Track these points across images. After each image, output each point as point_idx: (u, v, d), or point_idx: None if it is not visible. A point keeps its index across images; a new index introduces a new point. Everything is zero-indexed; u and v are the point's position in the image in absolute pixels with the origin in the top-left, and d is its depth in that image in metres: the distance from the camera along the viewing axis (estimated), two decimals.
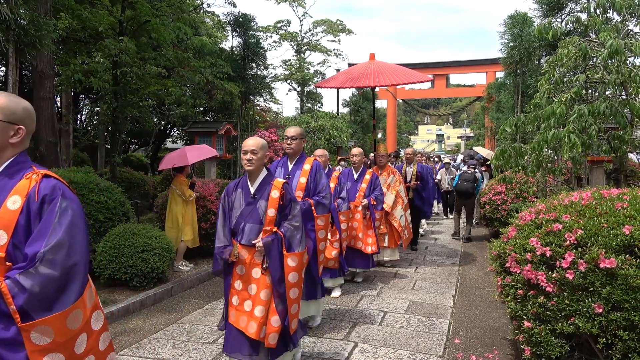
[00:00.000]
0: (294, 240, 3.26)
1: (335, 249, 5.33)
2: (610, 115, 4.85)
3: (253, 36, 13.70)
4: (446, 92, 36.22)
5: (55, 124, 8.58)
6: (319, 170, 4.38)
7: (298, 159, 4.43)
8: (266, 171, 3.41)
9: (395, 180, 7.41)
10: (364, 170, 6.60)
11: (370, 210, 6.35)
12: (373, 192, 6.46)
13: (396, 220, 7.20)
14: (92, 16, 8.73)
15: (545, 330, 3.14)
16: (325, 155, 6.01)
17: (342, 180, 5.67)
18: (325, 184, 4.33)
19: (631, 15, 5.44)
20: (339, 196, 5.48)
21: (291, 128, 4.41)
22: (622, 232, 3.01)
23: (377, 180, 6.57)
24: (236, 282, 3.26)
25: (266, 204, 3.24)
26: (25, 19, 4.88)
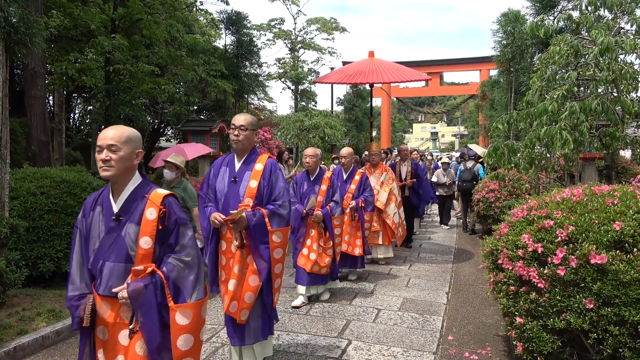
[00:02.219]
0: (183, 283, 2.17)
1: (328, 256, 5.16)
2: (601, 113, 4.87)
3: (246, 34, 13.68)
4: (440, 90, 36.32)
5: (47, 122, 8.52)
6: (274, 171, 3.49)
7: (248, 157, 3.50)
8: (139, 177, 2.29)
9: (389, 178, 7.33)
10: (354, 170, 6.41)
11: (358, 212, 6.16)
12: (362, 193, 6.25)
13: (389, 217, 7.16)
14: (84, 14, 8.68)
15: (537, 326, 3.16)
16: (317, 155, 5.77)
17: (334, 182, 5.35)
18: (283, 188, 3.46)
19: (622, 12, 5.47)
20: (332, 199, 5.24)
21: (240, 115, 3.50)
22: (612, 228, 3.03)
23: (367, 181, 6.36)
24: (99, 353, 2.24)
25: (137, 229, 2.15)
26: (15, 16, 4.83)
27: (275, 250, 3.37)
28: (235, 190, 3.43)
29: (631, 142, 5.60)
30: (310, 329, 4.60)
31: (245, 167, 3.48)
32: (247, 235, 3.31)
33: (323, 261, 5.11)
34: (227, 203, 3.42)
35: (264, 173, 3.44)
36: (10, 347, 3.84)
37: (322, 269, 5.14)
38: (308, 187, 5.28)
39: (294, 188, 5.26)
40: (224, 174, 3.52)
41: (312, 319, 4.87)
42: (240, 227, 3.28)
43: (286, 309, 5.17)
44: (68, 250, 5.65)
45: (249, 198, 3.37)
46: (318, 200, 5.16)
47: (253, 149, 3.57)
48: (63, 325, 4.37)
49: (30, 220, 5.39)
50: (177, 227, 2.22)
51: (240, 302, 3.31)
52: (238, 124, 3.43)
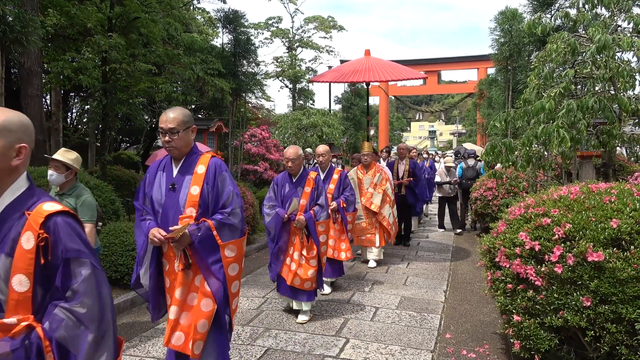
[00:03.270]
0: (76, 347, 1.45)
1: (311, 267, 4.61)
2: (598, 110, 4.88)
3: (244, 33, 13.64)
4: (438, 88, 36.36)
5: (43, 121, 8.50)
6: (220, 172, 2.91)
7: (187, 159, 2.92)
8: (24, 184, 1.55)
9: (382, 179, 7.15)
10: (332, 169, 6.00)
11: (340, 213, 5.78)
12: (343, 193, 5.84)
13: (385, 219, 7.06)
14: (80, 12, 8.64)
15: (534, 323, 3.17)
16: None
17: (319, 183, 4.84)
18: (231, 193, 2.89)
19: (619, 10, 5.47)
20: (316, 202, 4.76)
21: (168, 113, 2.83)
22: (609, 225, 3.04)
23: (346, 179, 5.95)
24: None
25: (9, 263, 1.44)
26: (11, 15, 4.82)
27: (230, 267, 2.86)
28: (174, 200, 2.86)
29: (628, 140, 5.61)
30: (307, 327, 4.59)
31: (185, 171, 2.90)
32: (193, 254, 2.80)
33: (305, 273, 4.58)
34: (166, 215, 2.86)
35: (207, 176, 2.87)
36: None
37: (305, 283, 4.60)
38: (290, 189, 4.77)
39: (274, 190, 4.83)
40: (161, 180, 2.95)
41: (310, 318, 4.86)
42: (184, 245, 2.77)
43: (284, 307, 5.16)
44: None
45: (191, 208, 2.82)
46: (301, 203, 4.67)
47: (193, 148, 2.96)
48: None
49: None
50: (63, 263, 1.47)
51: (193, 333, 2.79)
52: (167, 128, 2.79)
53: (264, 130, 15.03)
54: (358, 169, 7.32)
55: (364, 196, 7.06)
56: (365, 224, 7.06)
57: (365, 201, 7.03)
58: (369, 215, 7.06)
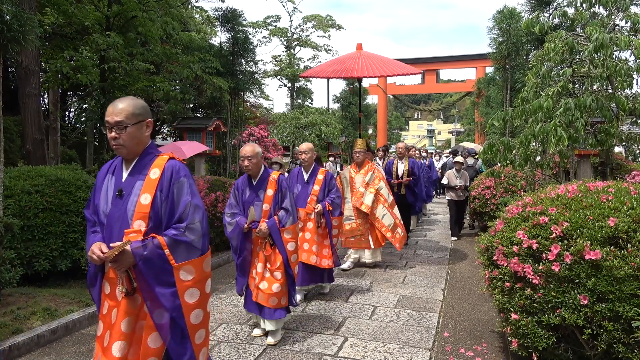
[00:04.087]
0: None
1: (276, 280, 4.08)
2: (596, 109, 4.89)
3: (242, 32, 13.62)
4: (436, 87, 36.34)
5: (41, 120, 8.48)
6: (176, 178, 2.39)
7: (140, 160, 2.43)
8: None
9: (375, 178, 6.80)
10: (316, 169, 5.51)
11: (325, 217, 5.34)
12: (328, 195, 5.43)
13: (378, 220, 6.68)
14: (78, 11, 8.63)
15: (532, 322, 3.18)
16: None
17: (282, 185, 4.25)
18: (189, 204, 2.36)
19: (617, 9, 5.49)
20: (281, 207, 4.21)
21: (118, 103, 2.38)
22: (607, 224, 3.05)
23: (332, 180, 5.53)
24: None
25: None
26: (9, 13, 4.80)
27: (188, 293, 2.33)
28: (121, 209, 2.35)
29: (626, 139, 5.62)
30: (306, 326, 4.60)
31: (136, 174, 2.40)
32: (137, 277, 2.29)
33: (269, 287, 4.07)
34: (111, 228, 2.36)
35: (161, 182, 2.35)
36: (5, 346, 3.83)
37: (270, 299, 4.07)
38: (251, 194, 4.23)
39: (235, 196, 4.30)
40: (108, 185, 2.44)
41: (308, 316, 4.87)
42: (125, 266, 2.26)
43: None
44: (63, 248, 5.64)
45: (139, 221, 2.31)
46: (264, 208, 4.17)
47: (148, 147, 2.46)
48: (58, 324, 4.36)
49: (25, 219, 5.37)
50: None
51: None
52: (113, 121, 2.33)
53: (262, 129, 15.04)
54: (351, 167, 7.07)
55: (355, 195, 6.76)
56: (355, 225, 6.70)
57: (355, 201, 6.71)
58: (359, 215, 6.71)
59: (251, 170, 4.20)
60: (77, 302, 4.92)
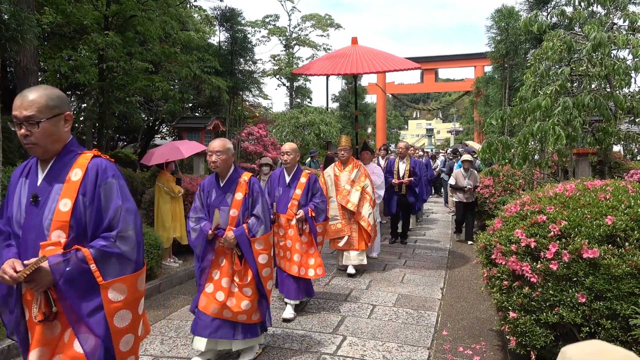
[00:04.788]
0: None
1: (246, 297, 3.58)
2: (594, 108, 4.91)
3: (241, 31, 13.63)
4: (435, 86, 36.35)
5: None
6: (103, 179, 2.02)
7: (57, 162, 2.04)
8: None
9: (360, 175, 6.50)
10: (299, 171, 5.04)
11: (309, 223, 4.87)
12: (312, 200, 4.95)
13: (364, 219, 6.37)
14: (76, 11, 8.62)
15: (530, 320, 3.18)
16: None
17: (254, 188, 3.69)
18: (119, 209, 2.01)
19: (615, 8, 5.50)
20: (251, 213, 3.66)
21: (28, 94, 2.00)
22: (604, 222, 3.06)
23: (315, 183, 5.05)
24: None
25: None
26: (7, 13, 4.81)
27: (118, 315, 1.96)
28: (36, 219, 1.99)
29: (624, 138, 5.64)
30: (305, 325, 4.61)
31: (54, 177, 2.02)
32: (58, 298, 1.94)
33: (238, 305, 3.55)
34: (26, 241, 2.00)
35: (84, 184, 1.99)
36: (4, 346, 3.83)
37: (239, 316, 3.59)
38: (217, 197, 3.71)
39: (200, 198, 3.79)
40: (22, 191, 2.07)
41: (307, 315, 4.88)
42: (43, 286, 1.91)
43: (281, 305, 5.17)
44: None
45: (58, 231, 1.94)
46: (231, 214, 3.62)
47: (68, 145, 2.07)
48: None
49: None
50: None
51: None
52: (22, 116, 1.96)
53: (261, 128, 15.03)
54: (335, 165, 6.70)
55: (340, 194, 6.44)
56: (340, 225, 6.39)
57: (340, 199, 6.40)
58: (345, 215, 6.41)
59: (219, 168, 3.66)
60: None
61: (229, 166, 3.70)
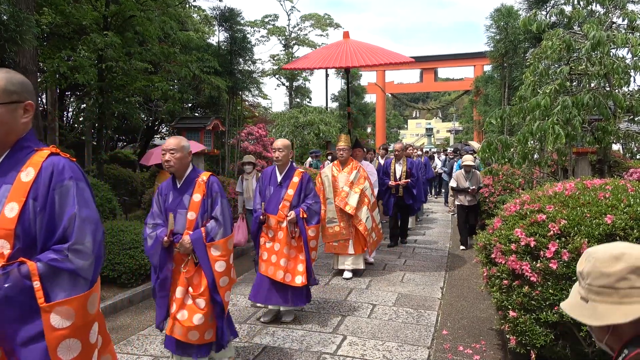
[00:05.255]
0: None
1: (199, 310, 3.22)
2: (594, 107, 4.91)
3: (240, 31, 13.61)
4: (435, 86, 36.38)
5: (39, 121, 8.47)
6: (59, 181, 1.71)
7: (9, 158, 1.75)
8: None
9: (360, 177, 6.31)
10: (292, 169, 4.73)
11: (299, 226, 4.54)
12: (304, 201, 4.64)
13: (361, 223, 6.20)
14: (75, 11, 8.61)
15: (530, 319, 3.19)
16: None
17: (213, 188, 3.39)
18: (73, 217, 1.69)
19: (614, 7, 5.50)
20: (210, 216, 3.35)
21: None
22: (604, 221, 3.06)
23: (309, 183, 4.72)
24: None
25: None
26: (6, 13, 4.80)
27: (63, 346, 1.61)
28: None
29: (623, 137, 5.65)
30: (305, 324, 4.61)
31: (2, 175, 1.72)
32: None
33: (189, 319, 3.20)
34: None
35: (35, 186, 1.68)
36: None
37: (190, 333, 3.22)
38: (174, 199, 3.42)
39: (157, 202, 3.50)
40: None
41: (307, 315, 4.88)
42: None
43: None
44: None
45: (2, 240, 1.63)
46: (189, 218, 3.33)
47: (25, 138, 1.77)
48: None
49: None
50: None
51: None
52: None
53: (261, 128, 15.03)
54: (333, 165, 6.51)
55: (338, 196, 6.24)
56: (339, 228, 6.22)
57: (339, 201, 6.20)
58: (343, 218, 6.23)
59: (173, 168, 3.36)
60: None
61: (185, 166, 3.42)
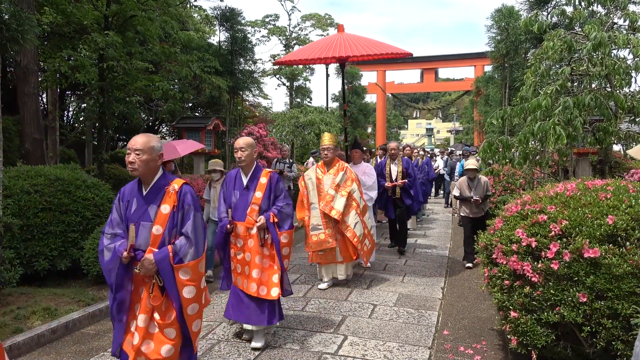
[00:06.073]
0: None
1: (168, 340, 2.80)
2: (595, 108, 4.91)
3: (240, 31, 13.64)
4: (435, 86, 36.38)
5: (40, 120, 8.48)
6: None
7: None
8: None
9: (347, 179, 5.77)
10: (258, 170, 4.21)
11: (270, 232, 4.04)
12: (275, 203, 4.16)
13: (349, 229, 5.66)
14: (76, 11, 8.62)
15: (531, 320, 3.19)
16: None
17: (186, 200, 2.87)
18: None
19: (615, 8, 5.50)
20: (180, 232, 2.86)
21: None
22: (605, 222, 3.06)
23: (278, 184, 4.23)
24: None
25: None
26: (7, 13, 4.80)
27: None
28: None
29: (624, 137, 5.64)
30: (306, 324, 4.61)
31: None
32: None
33: (156, 350, 2.77)
34: None
35: None
36: (5, 346, 3.83)
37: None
38: (138, 208, 2.89)
39: (117, 209, 2.96)
40: None
41: (308, 315, 4.88)
42: None
43: (282, 304, 5.17)
44: (63, 248, 5.64)
45: None
46: (154, 232, 2.81)
47: None
48: (58, 323, 4.36)
49: (24, 219, 5.37)
50: None
51: None
52: None
53: (261, 128, 15.04)
54: (317, 167, 5.96)
55: (323, 200, 5.68)
56: (324, 236, 5.64)
57: (323, 206, 5.64)
58: (329, 224, 5.66)
59: (138, 171, 2.83)
60: (76, 302, 4.93)
61: (153, 170, 2.89)
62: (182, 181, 2.97)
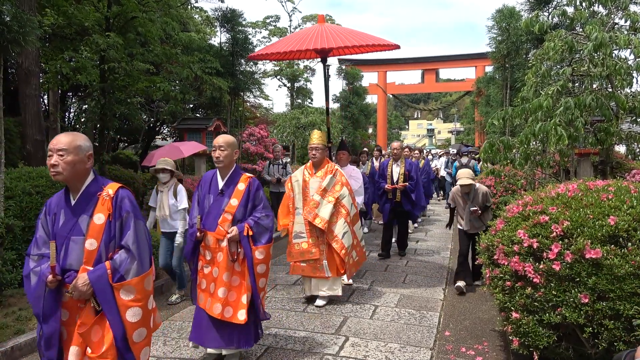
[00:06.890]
0: None
1: None
2: (596, 108, 4.90)
3: (241, 32, 13.65)
4: (436, 86, 36.39)
5: (41, 121, 8.50)
6: None
7: None
8: None
9: (335, 183, 5.22)
10: (237, 175, 3.71)
11: (243, 246, 3.54)
12: (253, 214, 3.64)
13: (337, 240, 5.06)
14: (78, 12, 8.63)
15: (532, 320, 3.18)
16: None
17: (124, 206, 2.46)
18: None
19: (616, 8, 5.50)
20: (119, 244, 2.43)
21: None
22: (607, 222, 3.06)
23: (258, 191, 3.70)
24: None
25: None
26: (9, 15, 4.82)
27: None
28: None
29: (626, 138, 5.64)
30: (307, 326, 4.61)
31: None
32: None
33: None
34: None
35: None
36: (7, 347, 3.83)
37: None
38: (67, 221, 2.42)
39: (44, 224, 2.48)
40: None
41: (309, 316, 4.88)
42: None
43: (283, 306, 5.17)
44: None
45: None
46: (87, 247, 2.37)
47: None
48: None
49: (26, 220, 5.38)
50: None
51: None
52: None
53: (262, 129, 15.04)
54: (305, 168, 5.42)
55: (307, 205, 5.14)
56: (306, 245, 5.10)
57: (307, 212, 5.09)
58: (313, 232, 5.10)
59: (62, 175, 2.38)
60: None
61: (82, 174, 2.44)
62: (118, 185, 2.52)
